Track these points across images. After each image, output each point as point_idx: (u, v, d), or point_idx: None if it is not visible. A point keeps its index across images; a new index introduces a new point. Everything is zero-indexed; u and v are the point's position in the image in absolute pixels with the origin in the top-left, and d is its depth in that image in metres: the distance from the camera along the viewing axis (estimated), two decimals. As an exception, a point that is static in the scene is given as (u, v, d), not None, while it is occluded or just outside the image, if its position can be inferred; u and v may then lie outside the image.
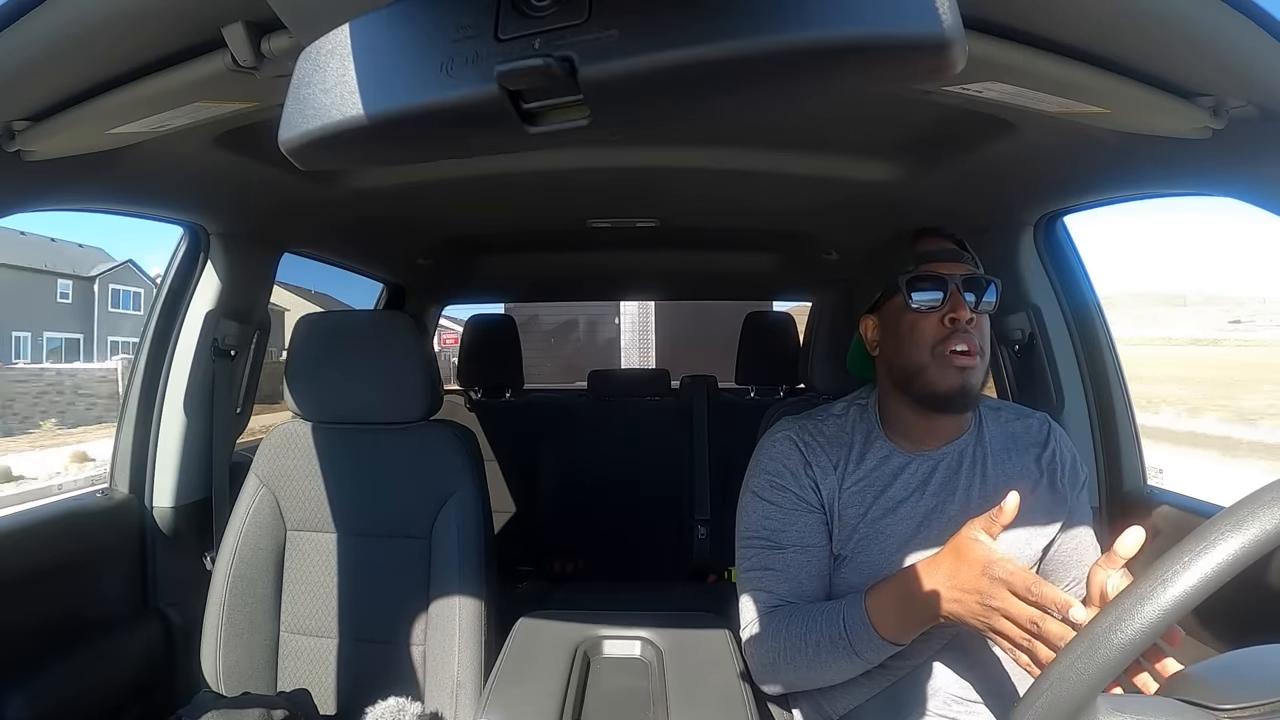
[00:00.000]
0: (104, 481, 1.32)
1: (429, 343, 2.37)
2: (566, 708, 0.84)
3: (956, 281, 0.85)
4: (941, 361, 0.84)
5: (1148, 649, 0.42)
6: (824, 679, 0.86)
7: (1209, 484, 2.28)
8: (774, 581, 0.89)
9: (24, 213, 0.89)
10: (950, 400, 0.86)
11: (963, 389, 0.85)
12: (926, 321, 0.86)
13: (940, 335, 0.85)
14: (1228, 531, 0.40)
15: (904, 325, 0.88)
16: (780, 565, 0.89)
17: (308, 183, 1.21)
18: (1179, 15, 0.55)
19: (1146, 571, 0.42)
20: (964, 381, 0.84)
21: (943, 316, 0.85)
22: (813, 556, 0.89)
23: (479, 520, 1.16)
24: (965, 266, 0.87)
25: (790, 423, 0.97)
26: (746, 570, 0.92)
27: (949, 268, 0.86)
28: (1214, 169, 0.80)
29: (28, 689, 0.99)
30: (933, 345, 0.85)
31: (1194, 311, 28.99)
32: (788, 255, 2.00)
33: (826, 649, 0.81)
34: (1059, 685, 0.42)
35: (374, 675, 1.16)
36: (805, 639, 0.83)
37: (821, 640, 0.82)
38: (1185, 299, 33.35)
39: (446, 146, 0.44)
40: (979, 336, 0.85)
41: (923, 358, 0.86)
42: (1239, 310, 27.87)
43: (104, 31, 0.60)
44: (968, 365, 0.84)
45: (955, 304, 0.84)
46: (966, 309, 0.84)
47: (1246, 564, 0.40)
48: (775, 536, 0.90)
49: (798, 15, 0.29)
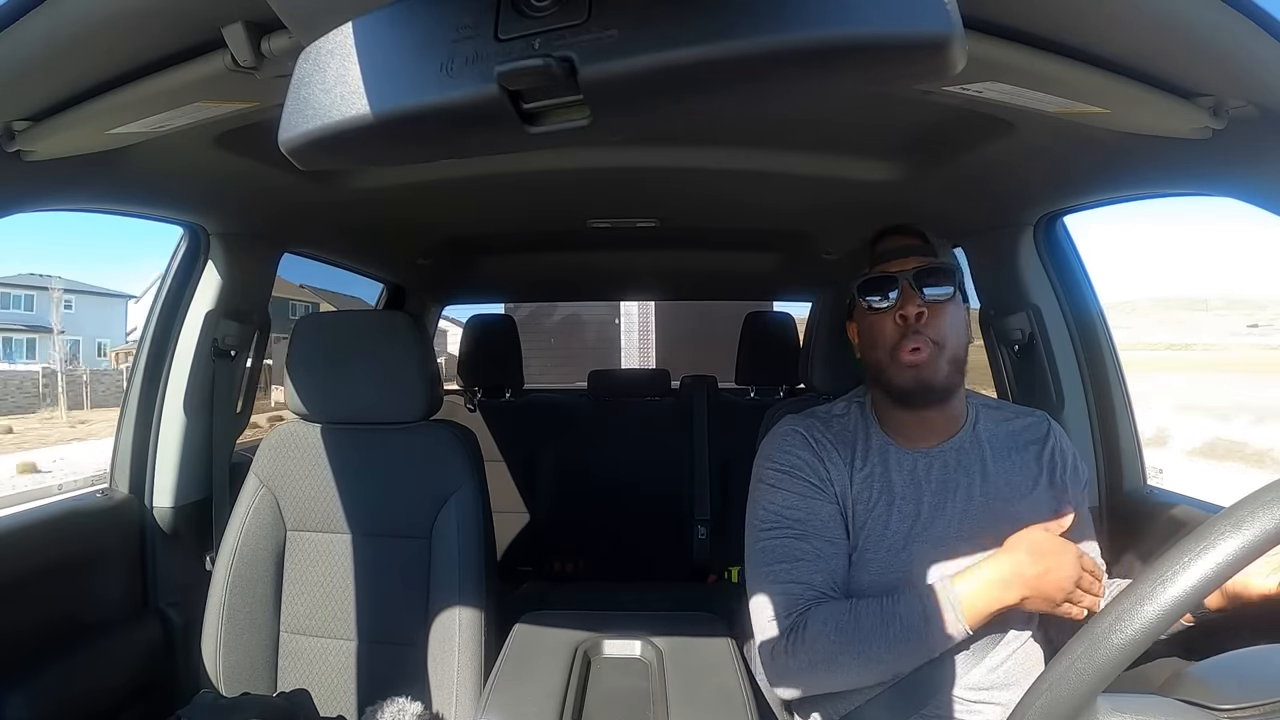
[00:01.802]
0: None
1: (429, 343, 2.37)
2: (566, 708, 0.84)
3: (907, 278, 0.86)
4: (895, 361, 0.87)
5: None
6: (873, 677, 0.84)
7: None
8: (807, 572, 0.86)
9: (24, 212, 0.89)
10: (912, 395, 0.88)
11: (918, 384, 0.86)
12: (883, 322, 0.88)
13: (895, 336, 0.87)
14: (1227, 531, 0.40)
15: (866, 327, 0.91)
16: (810, 555, 0.87)
17: (308, 183, 1.21)
18: (1179, 15, 0.55)
19: (1146, 572, 0.42)
20: (917, 377, 0.86)
21: (894, 315, 0.86)
22: (838, 549, 0.88)
23: (479, 520, 1.16)
24: (918, 259, 0.88)
25: (798, 419, 0.97)
26: (769, 564, 0.88)
27: (900, 264, 0.88)
28: (1214, 169, 0.80)
29: (28, 689, 0.99)
30: (890, 347, 0.87)
31: (1215, 316, 29.00)
32: (787, 255, 2.00)
33: (901, 640, 0.80)
34: (1059, 685, 0.42)
35: (374, 675, 1.16)
36: (886, 627, 0.81)
37: (901, 631, 0.80)
38: (1207, 304, 33.36)
39: (446, 146, 0.44)
40: (935, 329, 0.86)
41: (882, 359, 0.88)
42: (1260, 315, 27.84)
43: (104, 31, 0.60)
44: (917, 362, 0.85)
45: (904, 300, 0.86)
46: (915, 304, 0.85)
47: (1246, 564, 0.40)
48: (800, 525, 0.88)
49: (797, 15, 0.29)
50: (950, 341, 0.87)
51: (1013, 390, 1.39)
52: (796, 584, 0.86)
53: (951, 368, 0.88)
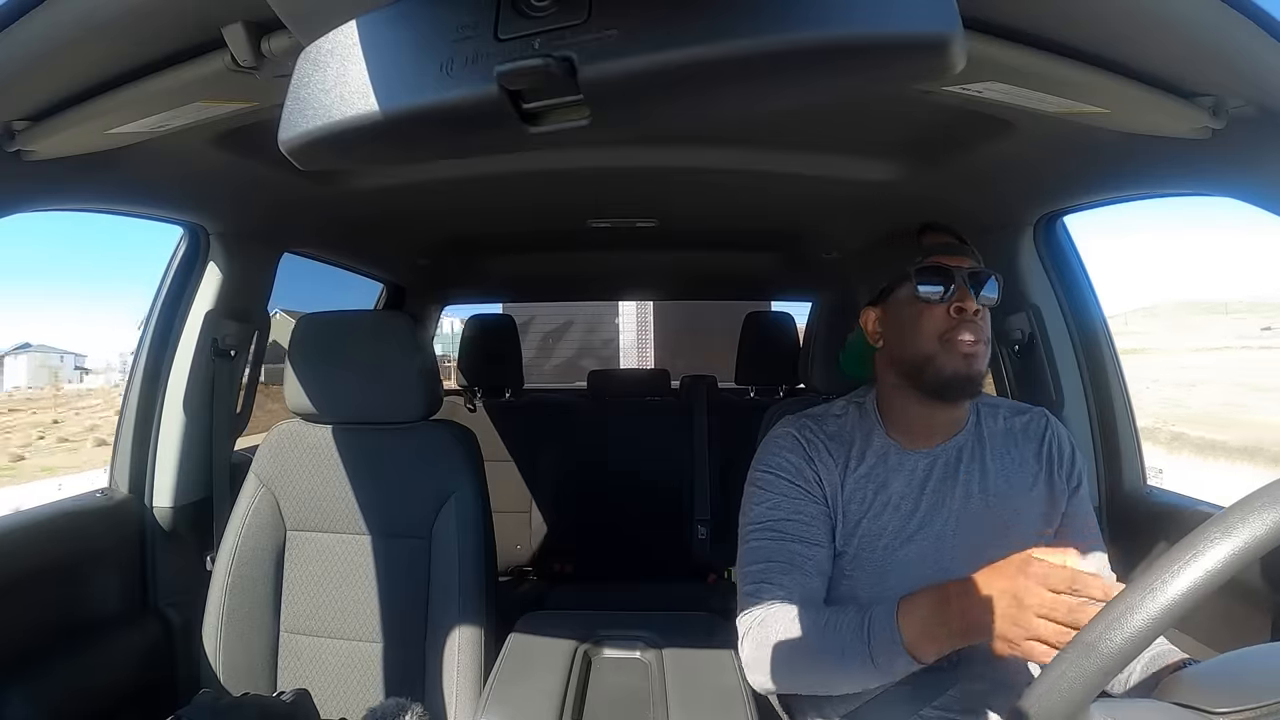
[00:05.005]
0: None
1: (429, 343, 2.37)
2: (566, 708, 0.84)
3: (963, 275, 0.87)
4: (949, 348, 0.86)
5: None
6: (833, 684, 0.84)
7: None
8: (780, 574, 0.88)
9: (24, 212, 0.89)
10: (958, 386, 0.87)
11: (969, 375, 0.86)
12: (934, 312, 0.87)
13: (948, 325, 0.86)
14: (1218, 538, 0.40)
15: (911, 316, 0.89)
16: (785, 557, 0.88)
17: (308, 183, 1.21)
18: (1179, 15, 0.55)
19: (1137, 579, 0.42)
20: (970, 368, 0.86)
21: (950, 307, 0.86)
22: (817, 553, 0.89)
23: (479, 520, 1.16)
24: (969, 260, 0.89)
25: (792, 421, 0.97)
26: (750, 564, 0.90)
27: (955, 261, 0.88)
28: (1214, 169, 0.81)
29: (28, 689, 0.99)
30: (940, 335, 0.87)
31: (1234, 319, 28.86)
32: (787, 255, 2.00)
33: (848, 653, 0.79)
34: (1052, 694, 0.42)
35: (374, 675, 1.16)
36: (823, 639, 0.81)
37: (844, 643, 0.79)
38: (1227, 307, 33.20)
39: (447, 146, 0.44)
40: (985, 330, 0.87)
41: (930, 346, 0.87)
42: (1276, 317, 27.68)
43: (104, 31, 0.60)
44: (974, 352, 0.86)
45: (962, 295, 0.86)
46: (973, 300, 0.86)
47: (1237, 569, 0.40)
48: (781, 527, 0.90)
49: (797, 15, 0.29)
50: (989, 345, 0.88)
51: (1013, 390, 1.39)
52: (767, 584, 0.87)
53: (985, 370, 0.89)
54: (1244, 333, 26.08)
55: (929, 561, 0.87)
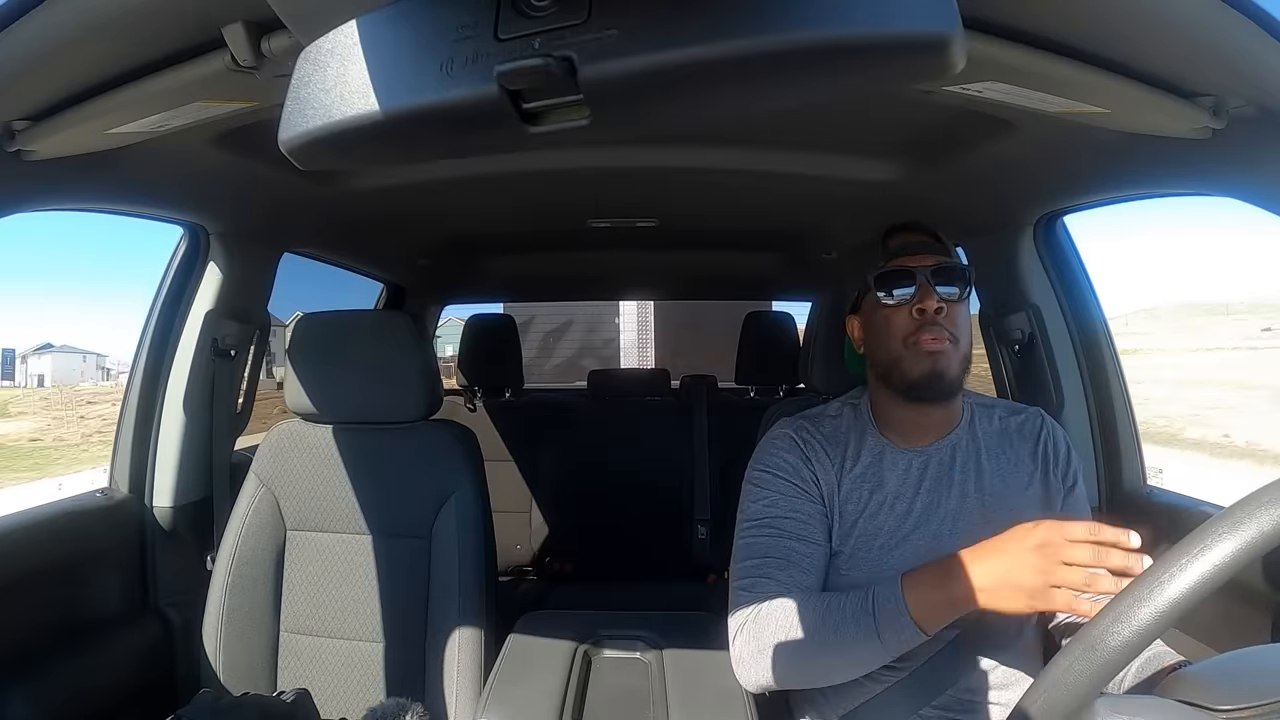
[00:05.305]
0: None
1: (429, 342, 2.37)
2: (566, 708, 0.84)
3: (925, 274, 0.87)
4: (913, 350, 0.86)
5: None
6: (835, 670, 0.83)
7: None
8: (776, 570, 0.87)
9: (24, 212, 0.89)
10: (925, 387, 0.87)
11: (934, 374, 0.86)
12: (898, 314, 0.88)
13: (911, 327, 0.87)
14: (1224, 534, 0.40)
15: (878, 320, 0.90)
16: (782, 553, 0.88)
17: (308, 183, 1.21)
18: (1179, 15, 0.55)
19: (1143, 574, 0.42)
20: (935, 366, 0.86)
21: (911, 309, 0.87)
22: (813, 551, 0.89)
23: (479, 520, 1.16)
24: (935, 258, 0.88)
25: (789, 423, 0.98)
26: (745, 559, 0.90)
27: (917, 260, 0.88)
28: (1214, 169, 0.80)
29: (28, 689, 0.99)
30: (904, 337, 0.87)
31: (1236, 320, 28.92)
32: (787, 255, 2.00)
33: (849, 631, 0.78)
34: (1057, 687, 0.42)
35: (374, 675, 1.16)
36: (824, 622, 0.80)
37: (844, 621, 0.78)
38: (1228, 308, 33.19)
39: (447, 146, 0.44)
40: (951, 325, 0.86)
41: (896, 349, 0.88)
42: (1276, 318, 27.74)
43: (104, 31, 0.60)
44: (937, 349, 0.85)
45: (923, 295, 0.86)
46: (934, 299, 0.86)
47: (1242, 565, 0.40)
48: (778, 524, 0.90)
49: (797, 15, 0.29)
50: (962, 339, 0.88)
51: (1013, 390, 1.39)
52: (764, 579, 0.87)
53: (962, 365, 0.88)
54: (1246, 334, 26.07)
55: (925, 560, 0.87)
